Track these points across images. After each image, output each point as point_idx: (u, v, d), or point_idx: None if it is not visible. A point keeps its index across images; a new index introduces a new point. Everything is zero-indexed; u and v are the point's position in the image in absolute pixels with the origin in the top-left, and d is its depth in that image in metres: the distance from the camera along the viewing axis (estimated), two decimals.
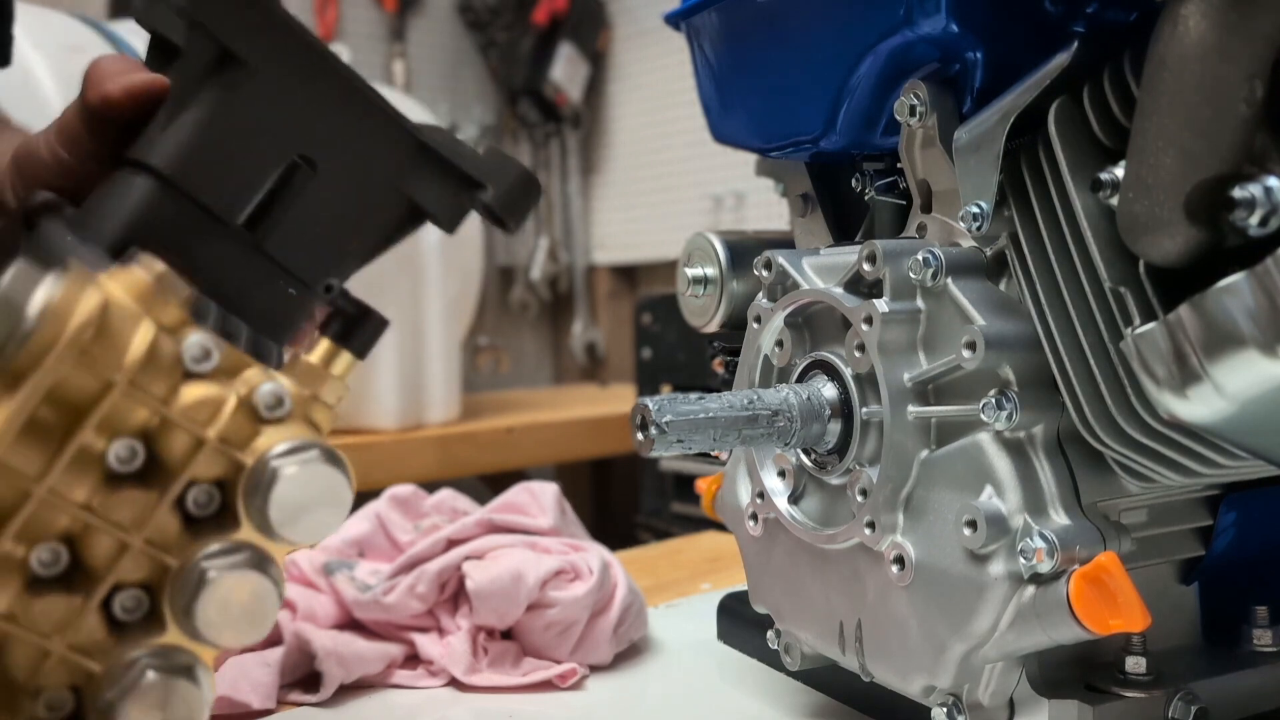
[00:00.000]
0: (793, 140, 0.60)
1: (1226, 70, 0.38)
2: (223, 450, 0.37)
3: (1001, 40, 0.50)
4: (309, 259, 0.44)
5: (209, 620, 0.36)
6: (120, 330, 0.35)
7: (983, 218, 0.49)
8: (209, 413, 0.37)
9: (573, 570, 0.73)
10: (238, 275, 0.43)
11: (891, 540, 0.51)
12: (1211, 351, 0.39)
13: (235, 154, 0.43)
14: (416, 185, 0.45)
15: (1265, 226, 0.37)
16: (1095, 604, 0.44)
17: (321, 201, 0.44)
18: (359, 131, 0.44)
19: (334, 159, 0.44)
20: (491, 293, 2.71)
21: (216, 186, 0.42)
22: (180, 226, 0.42)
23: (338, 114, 0.44)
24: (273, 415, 0.38)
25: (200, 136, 0.42)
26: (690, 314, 0.69)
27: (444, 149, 0.45)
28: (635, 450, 0.50)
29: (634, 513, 2.09)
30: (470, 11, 2.67)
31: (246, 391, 0.38)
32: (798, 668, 0.59)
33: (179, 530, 0.38)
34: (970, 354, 0.47)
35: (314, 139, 0.43)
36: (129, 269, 0.37)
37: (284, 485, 0.37)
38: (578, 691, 0.69)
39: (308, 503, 0.37)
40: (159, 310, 0.36)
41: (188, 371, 0.37)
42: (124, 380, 0.35)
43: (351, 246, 0.46)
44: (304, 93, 0.43)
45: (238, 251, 0.43)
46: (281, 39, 0.42)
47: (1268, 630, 0.54)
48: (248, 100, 0.42)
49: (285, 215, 0.43)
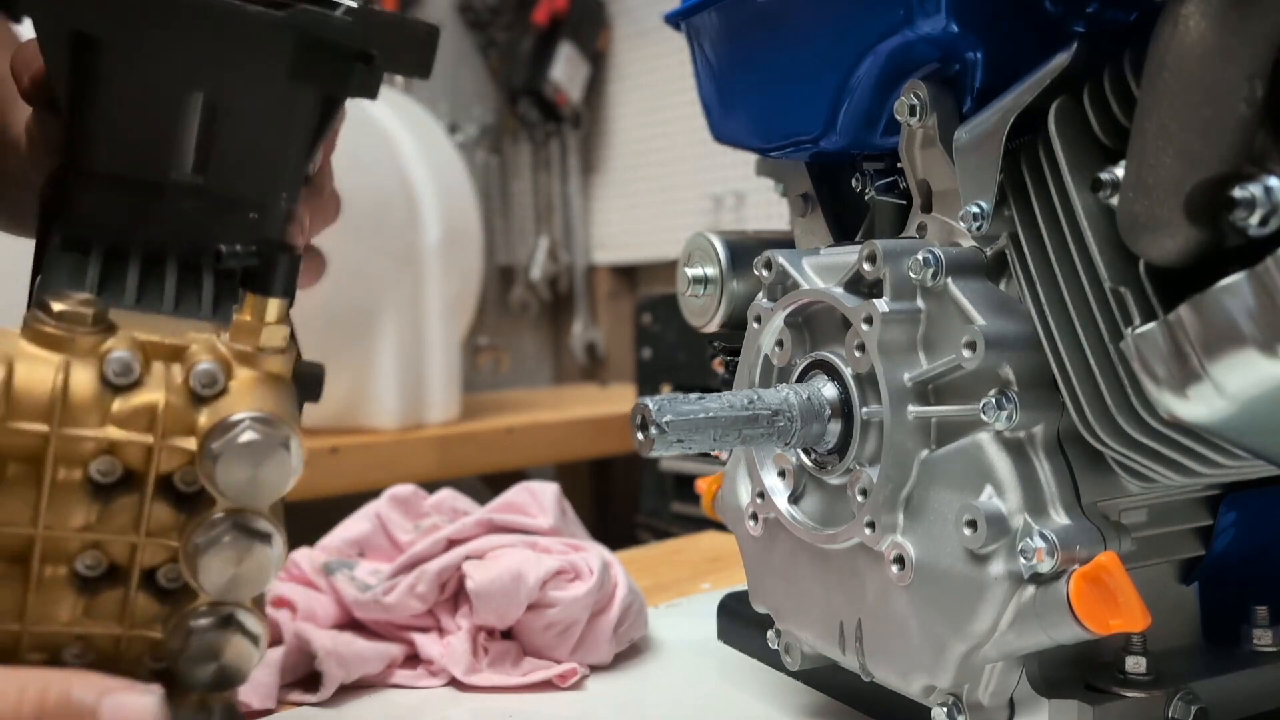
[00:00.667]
0: (793, 140, 0.60)
1: (1226, 70, 0.38)
2: (173, 445, 0.39)
3: (1001, 40, 0.50)
4: (255, 181, 0.46)
5: (220, 588, 0.39)
6: (33, 382, 0.37)
7: (983, 218, 0.49)
8: (145, 420, 0.38)
9: (573, 570, 0.73)
10: (199, 221, 0.45)
11: (891, 540, 0.51)
12: (1211, 351, 0.39)
13: (131, 124, 0.44)
14: (311, 78, 0.45)
15: (1265, 226, 0.37)
16: (1095, 604, 0.44)
17: (237, 129, 0.45)
18: (231, 54, 0.44)
19: (225, 88, 0.45)
20: (491, 293, 2.71)
21: (131, 157, 0.44)
22: (119, 207, 0.44)
23: (205, 46, 0.44)
24: (210, 393, 0.39)
25: (91, 122, 0.44)
26: (690, 314, 0.69)
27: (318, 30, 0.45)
28: (635, 450, 0.50)
29: (634, 513, 2.09)
30: (470, 11, 2.67)
31: (183, 378, 0.39)
32: (798, 668, 0.59)
33: (174, 515, 0.40)
34: (970, 354, 0.47)
35: (198, 78, 0.44)
36: (33, 314, 0.38)
37: (223, 468, 0.38)
38: (578, 691, 0.69)
39: (251, 474, 0.38)
40: (68, 346, 0.38)
41: (115, 387, 0.38)
42: (54, 428, 0.37)
43: (288, 155, 0.47)
44: (164, 42, 0.44)
45: (189, 202, 0.45)
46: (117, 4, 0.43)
47: (1268, 630, 0.54)
48: (114, 71, 0.43)
49: (211, 153, 0.45)
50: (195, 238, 0.46)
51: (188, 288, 0.45)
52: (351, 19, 0.44)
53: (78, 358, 0.38)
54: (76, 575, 0.39)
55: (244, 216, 0.46)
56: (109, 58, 0.43)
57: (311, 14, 0.44)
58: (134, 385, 0.38)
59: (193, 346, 0.40)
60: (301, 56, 0.44)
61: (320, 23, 0.44)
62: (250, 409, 0.38)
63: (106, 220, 0.45)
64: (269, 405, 0.39)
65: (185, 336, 0.40)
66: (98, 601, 0.40)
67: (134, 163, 0.45)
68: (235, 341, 0.40)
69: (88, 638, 0.40)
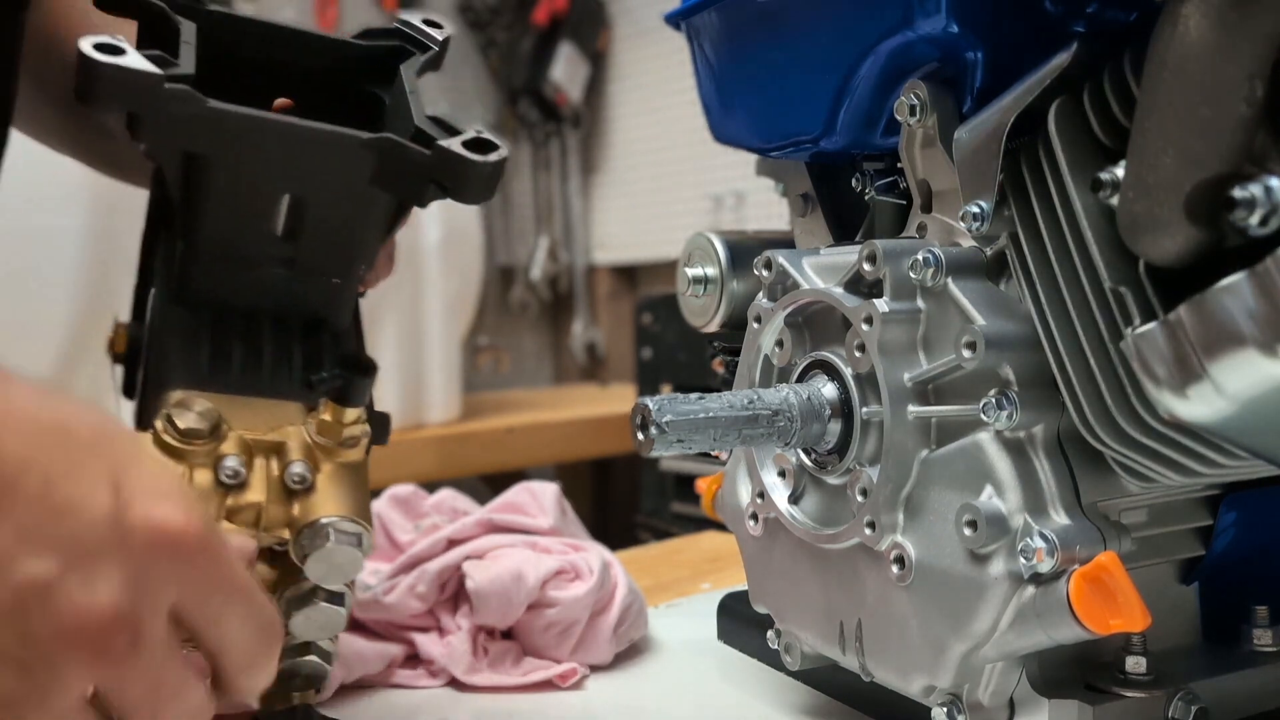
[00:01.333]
0: (793, 140, 0.60)
1: (1226, 70, 0.38)
2: (271, 535, 0.49)
3: (1001, 40, 0.50)
4: (337, 256, 0.54)
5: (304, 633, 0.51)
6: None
7: (983, 218, 0.49)
8: (251, 516, 0.48)
9: (573, 570, 0.73)
10: (289, 287, 0.54)
11: (891, 540, 0.51)
12: (1211, 351, 0.39)
13: (234, 216, 0.51)
14: (389, 189, 0.52)
15: (1265, 226, 0.37)
16: (1095, 604, 0.44)
17: (322, 219, 0.52)
18: (322, 166, 0.51)
19: (316, 190, 0.52)
20: (491, 293, 2.71)
21: (233, 241, 0.52)
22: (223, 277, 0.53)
23: (299, 160, 0.50)
24: (301, 488, 0.49)
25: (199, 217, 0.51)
26: (690, 314, 0.69)
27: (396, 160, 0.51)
28: (635, 450, 0.50)
29: (634, 513, 2.09)
30: (470, 11, 2.67)
31: (279, 474, 0.49)
32: (798, 668, 0.59)
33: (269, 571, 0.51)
34: (970, 354, 0.47)
35: (289, 183, 0.51)
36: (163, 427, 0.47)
37: (311, 562, 0.48)
38: (578, 691, 0.69)
39: (333, 568, 0.48)
40: (190, 456, 0.47)
41: (227, 487, 0.48)
42: None
43: (367, 239, 0.55)
44: (264, 157, 0.50)
45: (281, 271, 0.54)
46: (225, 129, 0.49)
47: (1268, 630, 0.54)
48: (220, 179, 0.50)
49: (302, 237, 0.52)
50: (287, 301, 0.54)
51: (281, 358, 0.54)
52: (429, 154, 0.50)
53: (198, 465, 0.47)
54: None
55: (328, 283, 0.55)
56: (216, 170, 0.50)
57: (392, 143, 0.50)
58: (241, 486, 0.48)
59: (289, 444, 0.49)
60: (383, 171, 0.50)
61: (398, 153, 0.50)
62: (334, 510, 0.48)
63: (213, 288, 0.53)
64: (347, 504, 0.49)
65: (282, 430, 0.50)
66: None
67: (236, 245, 0.52)
68: (320, 435, 0.50)
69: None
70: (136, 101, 0.45)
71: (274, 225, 0.52)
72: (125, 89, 0.45)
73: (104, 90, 0.45)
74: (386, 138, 0.50)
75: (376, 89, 0.59)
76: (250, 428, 0.49)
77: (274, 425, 0.50)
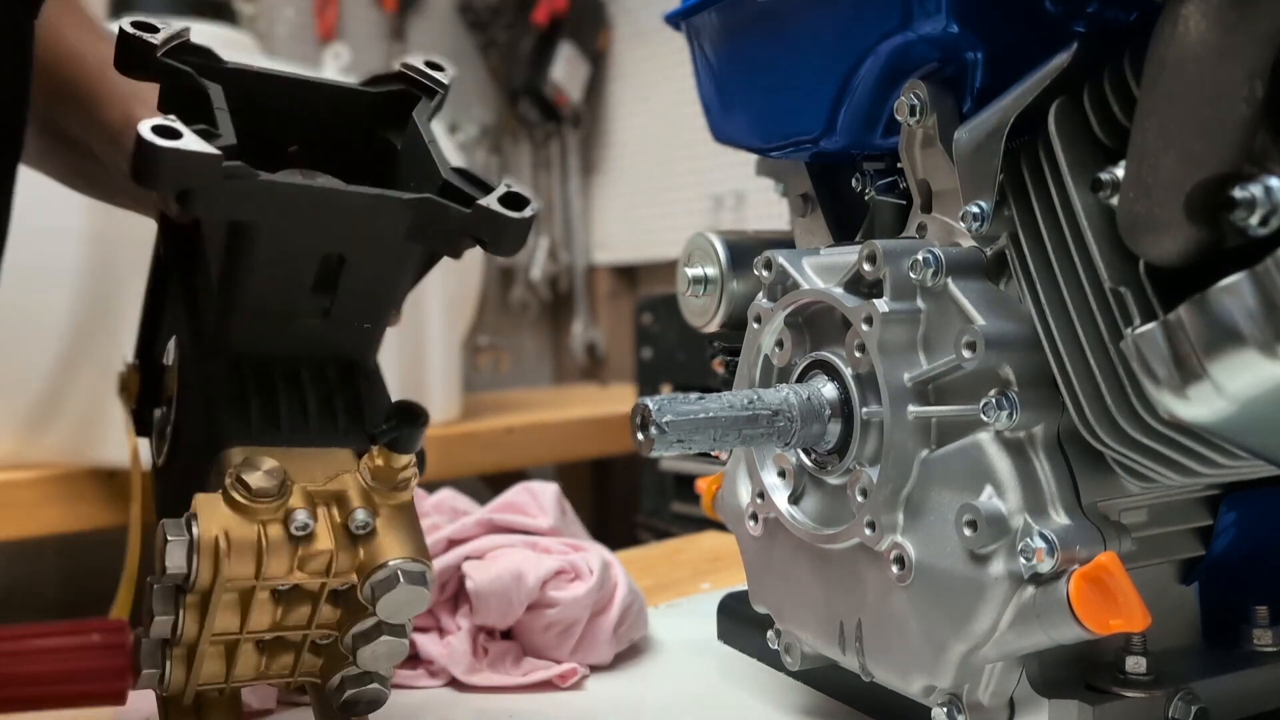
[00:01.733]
0: (793, 140, 0.60)
1: (1227, 70, 0.38)
2: (339, 580, 0.52)
3: (1001, 40, 0.50)
4: (371, 305, 0.57)
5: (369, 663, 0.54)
6: (242, 546, 0.49)
7: (983, 218, 0.49)
8: (321, 564, 0.50)
9: (573, 570, 0.73)
10: (325, 335, 0.56)
11: (891, 540, 0.51)
12: (1211, 351, 0.39)
13: (274, 275, 0.53)
14: (426, 243, 0.54)
15: (1265, 226, 0.37)
16: (1095, 604, 0.44)
17: (360, 274, 0.54)
18: (357, 224, 0.52)
19: (351, 248, 0.53)
20: (491, 293, 2.71)
21: (272, 296, 0.54)
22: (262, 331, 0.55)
23: (344, 222, 0.52)
24: (364, 533, 0.51)
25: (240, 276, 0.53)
26: (690, 314, 0.69)
27: (438, 222, 0.52)
28: (635, 450, 0.51)
29: (634, 513, 2.09)
30: (470, 11, 2.67)
31: (342, 521, 0.51)
32: (798, 668, 0.59)
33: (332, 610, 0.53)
34: (970, 354, 0.47)
35: (330, 242, 0.53)
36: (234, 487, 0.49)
37: (381, 603, 0.51)
38: (578, 691, 0.69)
39: (399, 606, 0.51)
40: (262, 514, 0.49)
41: (296, 539, 0.50)
42: (259, 579, 0.50)
43: (398, 288, 0.57)
44: (310, 221, 0.52)
45: (317, 322, 0.56)
46: (275, 199, 0.50)
47: (1268, 630, 0.54)
48: (264, 243, 0.52)
49: (339, 290, 0.54)
50: (321, 348, 0.57)
51: (325, 407, 0.56)
52: (469, 213, 0.52)
53: (270, 521, 0.50)
54: (260, 644, 0.54)
55: (360, 329, 0.57)
56: (261, 237, 0.51)
57: (434, 204, 0.52)
58: (310, 537, 0.50)
59: (348, 492, 0.52)
60: (422, 228, 0.53)
61: (439, 212, 0.52)
62: (399, 553, 0.51)
63: (249, 341, 0.55)
64: (409, 545, 0.51)
65: (339, 479, 0.52)
66: (279, 658, 0.54)
67: (274, 302, 0.54)
68: (375, 480, 0.52)
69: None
70: (196, 181, 0.47)
71: (310, 281, 0.54)
72: (186, 172, 0.46)
73: (165, 174, 0.46)
74: (428, 199, 0.52)
75: (387, 134, 0.60)
76: (309, 478, 0.52)
77: (330, 474, 0.52)
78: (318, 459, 0.53)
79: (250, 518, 0.49)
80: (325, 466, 0.53)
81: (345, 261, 0.53)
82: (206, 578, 0.49)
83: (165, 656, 0.52)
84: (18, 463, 1.48)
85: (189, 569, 0.49)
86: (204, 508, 0.49)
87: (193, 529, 0.49)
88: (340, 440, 0.55)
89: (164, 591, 0.50)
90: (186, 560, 0.49)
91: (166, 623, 0.50)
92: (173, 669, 0.52)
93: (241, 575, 0.49)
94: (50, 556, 1.97)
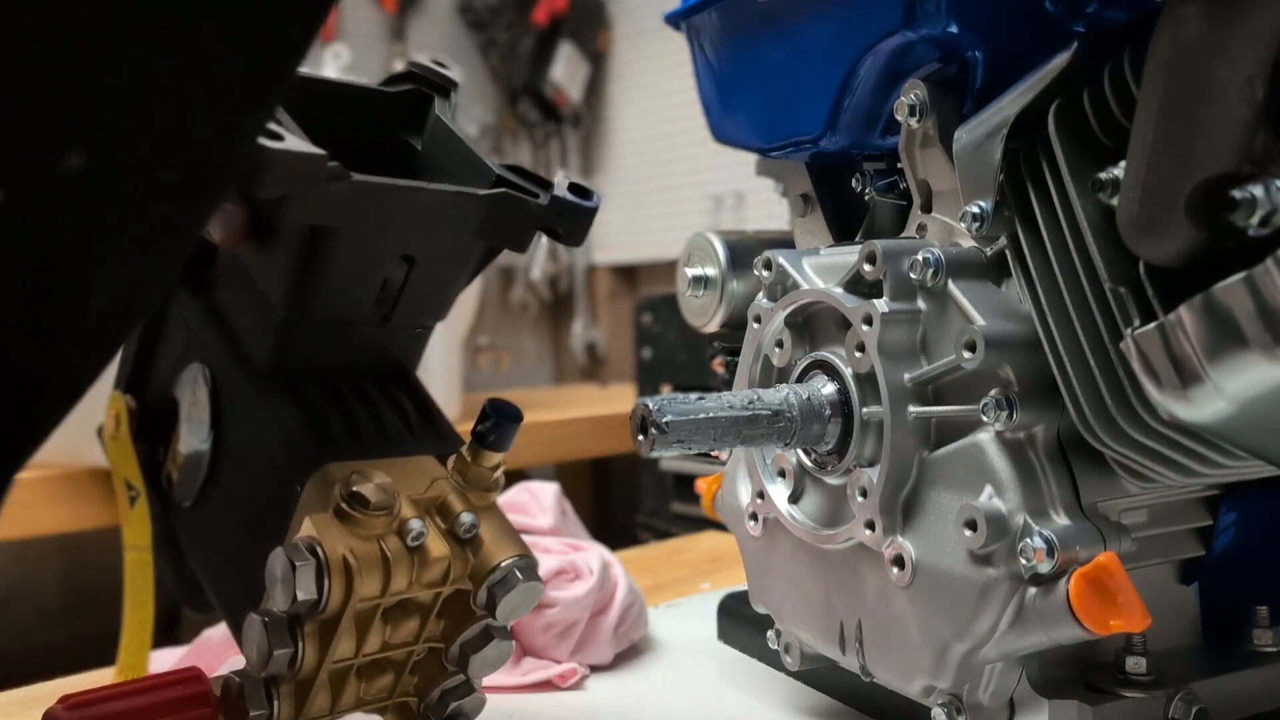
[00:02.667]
0: (793, 140, 0.60)
1: (1226, 70, 0.38)
2: (455, 582, 0.51)
3: (1001, 40, 0.50)
4: (431, 307, 0.57)
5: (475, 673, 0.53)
6: (368, 565, 0.48)
7: (983, 218, 0.49)
8: (439, 572, 0.50)
9: (573, 570, 0.73)
10: (381, 340, 0.56)
11: (891, 540, 0.51)
12: (1211, 352, 0.39)
13: (347, 281, 0.52)
14: (497, 240, 0.54)
15: (1265, 226, 0.37)
16: (1095, 604, 0.44)
17: (428, 274, 0.54)
18: (435, 223, 0.52)
19: (424, 248, 0.53)
20: (491, 293, 2.71)
21: (341, 306, 0.53)
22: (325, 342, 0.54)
23: (415, 221, 0.52)
24: (469, 536, 0.51)
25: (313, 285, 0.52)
26: (690, 314, 0.69)
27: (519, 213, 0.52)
28: (635, 450, 0.51)
29: (634, 513, 2.09)
30: (470, 11, 2.67)
31: (449, 527, 0.51)
32: (798, 668, 0.59)
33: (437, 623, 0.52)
34: (970, 354, 0.47)
35: (405, 243, 0.52)
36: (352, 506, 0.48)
37: (503, 605, 0.51)
38: (578, 691, 0.69)
39: (517, 606, 0.51)
40: (378, 527, 0.48)
41: (412, 549, 0.49)
42: (384, 598, 0.49)
43: (457, 287, 0.57)
44: (392, 221, 0.51)
45: (375, 329, 0.55)
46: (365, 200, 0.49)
47: (1268, 630, 0.54)
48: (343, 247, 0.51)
49: (406, 292, 0.54)
50: (376, 354, 0.56)
51: (396, 414, 0.55)
52: (546, 205, 0.52)
53: (388, 534, 0.49)
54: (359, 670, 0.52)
55: (414, 332, 0.57)
56: (344, 241, 0.50)
57: (512, 200, 0.52)
58: (423, 547, 0.49)
59: (448, 497, 0.51)
60: (492, 223, 0.52)
61: (518, 208, 0.52)
62: (508, 552, 0.51)
63: (311, 354, 0.55)
64: (513, 543, 0.51)
65: (436, 485, 0.52)
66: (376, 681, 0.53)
67: (343, 309, 0.53)
68: (470, 484, 0.52)
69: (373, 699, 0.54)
70: (302, 184, 0.46)
71: (378, 286, 0.53)
72: (294, 173, 0.45)
73: (274, 176, 0.45)
74: (506, 194, 0.52)
75: (404, 134, 0.60)
76: (408, 488, 0.51)
77: (424, 481, 0.52)
78: (406, 468, 0.52)
79: (368, 533, 0.48)
80: (418, 474, 0.52)
81: (415, 263, 0.53)
82: (338, 600, 0.47)
83: (273, 695, 0.49)
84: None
85: (319, 594, 0.47)
86: (323, 528, 0.48)
87: (318, 552, 0.47)
88: (419, 447, 0.55)
89: (278, 623, 0.48)
90: (317, 585, 0.47)
91: (285, 656, 0.48)
92: (281, 707, 0.49)
93: (370, 594, 0.48)
94: (50, 556, 1.97)
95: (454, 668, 0.53)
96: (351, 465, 0.51)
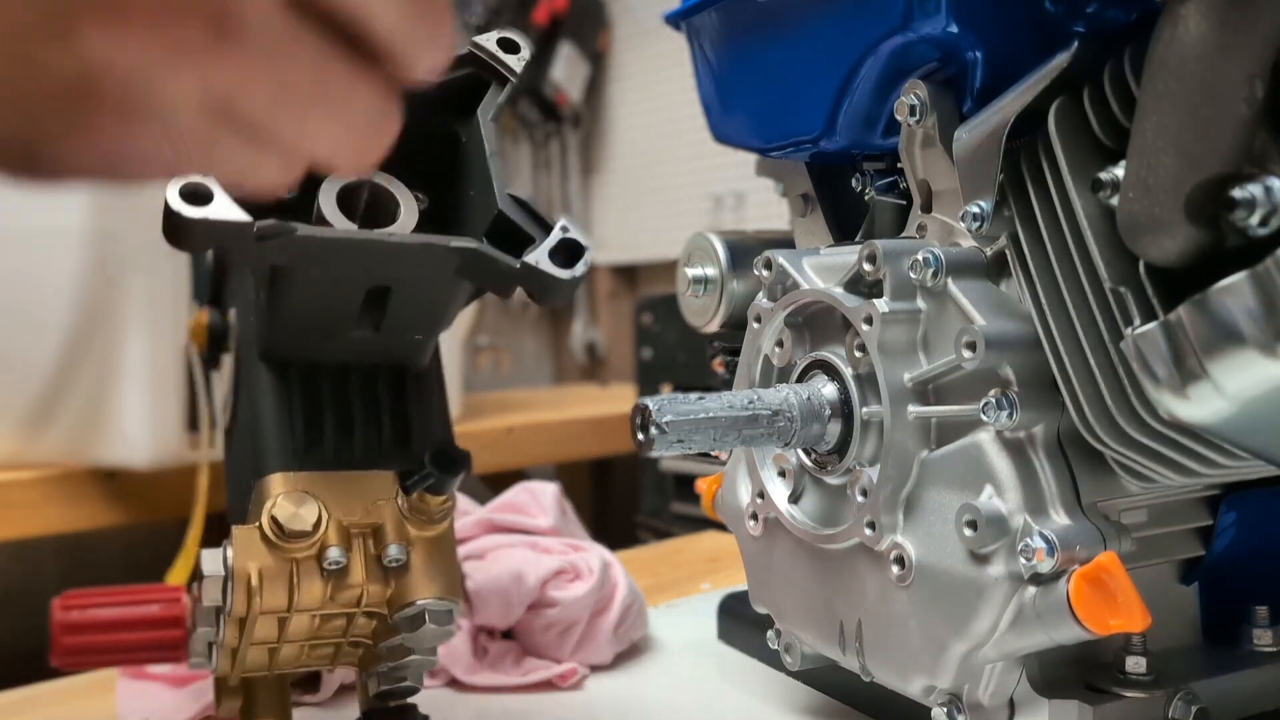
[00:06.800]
0: (793, 140, 0.60)
1: (1226, 70, 0.38)
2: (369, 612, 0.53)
3: (1001, 40, 0.50)
4: (422, 321, 0.56)
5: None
6: (274, 582, 0.50)
7: (983, 218, 0.49)
8: (352, 597, 0.51)
9: (573, 570, 0.73)
10: (376, 344, 0.55)
11: (891, 540, 0.51)
12: (1211, 352, 0.39)
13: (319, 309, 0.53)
14: (478, 282, 0.53)
15: (1265, 226, 0.37)
16: (1095, 604, 0.44)
17: (406, 299, 0.53)
18: (404, 266, 0.51)
19: (400, 284, 0.52)
20: None
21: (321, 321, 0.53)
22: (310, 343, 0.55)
23: (385, 266, 0.51)
24: (396, 566, 0.52)
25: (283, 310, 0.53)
26: (690, 314, 0.69)
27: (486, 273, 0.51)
28: (635, 450, 0.51)
29: (634, 513, 2.08)
30: None
31: (377, 554, 0.52)
32: (798, 668, 0.59)
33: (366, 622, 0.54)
34: (970, 354, 0.47)
35: (374, 279, 0.52)
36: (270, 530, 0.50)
37: (408, 638, 0.53)
38: (578, 691, 0.69)
39: (427, 642, 0.53)
40: (296, 551, 0.50)
41: (329, 573, 0.51)
42: (291, 612, 0.51)
43: (449, 310, 0.56)
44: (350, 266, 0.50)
45: (368, 334, 0.54)
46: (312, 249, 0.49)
47: (1268, 630, 0.54)
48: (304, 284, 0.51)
49: (388, 310, 0.53)
50: (371, 355, 0.56)
51: (371, 426, 0.55)
52: (518, 268, 0.50)
53: (303, 558, 0.50)
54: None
55: (412, 339, 0.56)
56: (301, 278, 0.50)
57: (478, 253, 0.50)
58: (343, 571, 0.51)
59: (385, 525, 0.52)
60: (469, 269, 0.51)
61: (489, 267, 0.51)
62: (428, 593, 0.52)
63: (298, 351, 0.55)
64: (440, 583, 0.52)
65: (377, 510, 0.52)
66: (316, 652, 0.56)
67: (320, 321, 0.53)
68: (412, 513, 0.52)
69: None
70: (227, 244, 0.46)
71: (356, 307, 0.53)
72: (216, 237, 0.46)
73: (195, 240, 0.45)
74: (475, 251, 0.50)
75: (453, 121, 0.58)
76: (346, 509, 0.52)
77: (368, 501, 0.53)
78: (358, 484, 0.53)
79: (284, 555, 0.50)
80: (364, 493, 0.53)
81: (391, 291, 0.52)
82: (241, 608, 0.50)
83: (213, 648, 0.53)
84: (18, 463, 1.48)
85: (224, 601, 0.50)
86: (240, 542, 0.50)
87: (227, 562, 0.50)
88: (383, 461, 0.55)
89: (205, 612, 0.52)
90: (222, 594, 0.50)
91: (209, 634, 0.53)
92: (219, 660, 0.54)
93: (274, 606, 0.50)
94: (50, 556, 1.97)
95: (388, 660, 0.55)
96: (299, 478, 0.52)
